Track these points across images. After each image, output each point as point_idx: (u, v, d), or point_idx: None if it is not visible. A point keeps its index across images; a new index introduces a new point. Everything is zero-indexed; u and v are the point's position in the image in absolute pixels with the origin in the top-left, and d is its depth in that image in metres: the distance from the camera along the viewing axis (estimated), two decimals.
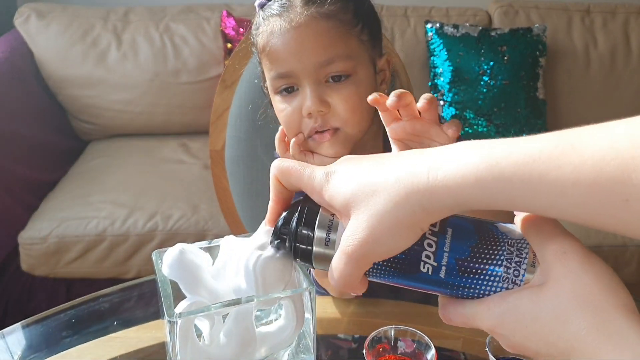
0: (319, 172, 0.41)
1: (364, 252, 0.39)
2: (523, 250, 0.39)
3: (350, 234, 0.39)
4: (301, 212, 0.43)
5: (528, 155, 0.34)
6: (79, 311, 0.82)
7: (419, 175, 0.37)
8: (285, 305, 0.54)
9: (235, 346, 0.52)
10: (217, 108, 1.15)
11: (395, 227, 0.38)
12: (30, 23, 1.99)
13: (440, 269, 0.40)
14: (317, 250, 0.42)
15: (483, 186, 0.35)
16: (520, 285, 0.38)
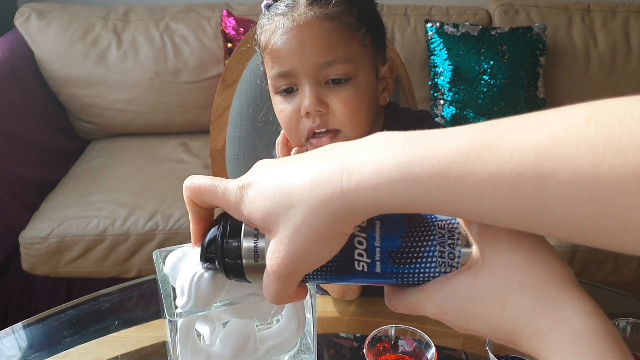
0: (233, 186, 0.39)
1: (290, 269, 0.37)
2: (454, 231, 0.38)
3: (273, 252, 0.38)
4: (224, 227, 0.41)
5: (442, 160, 0.32)
6: (80, 311, 0.82)
7: (332, 182, 0.35)
8: (286, 306, 0.54)
9: (234, 346, 0.52)
10: (218, 107, 1.15)
11: (317, 240, 0.36)
12: (31, 23, 1.99)
13: (375, 265, 0.39)
14: (247, 263, 0.41)
15: (398, 193, 0.34)
16: (457, 267, 0.38)
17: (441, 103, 2.02)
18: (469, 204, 0.32)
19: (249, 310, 0.51)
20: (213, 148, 1.17)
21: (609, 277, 1.66)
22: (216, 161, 1.18)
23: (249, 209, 0.38)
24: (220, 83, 1.14)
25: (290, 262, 0.37)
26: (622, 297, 0.85)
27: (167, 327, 0.51)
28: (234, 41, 1.99)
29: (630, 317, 0.62)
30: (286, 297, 0.39)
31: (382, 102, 0.84)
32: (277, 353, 0.55)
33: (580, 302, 0.33)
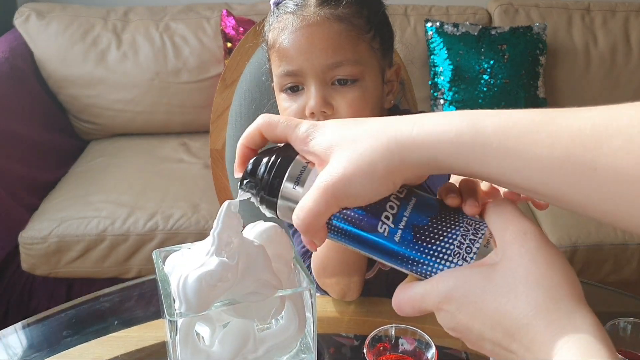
0: (306, 123, 0.42)
1: (335, 190, 0.39)
2: (480, 231, 0.39)
3: (327, 172, 0.39)
4: (276, 157, 0.43)
5: (509, 119, 0.36)
6: (80, 311, 0.82)
7: (403, 127, 0.38)
8: (286, 306, 0.54)
9: (234, 346, 0.52)
10: (218, 107, 1.15)
11: (371, 172, 0.38)
12: (30, 23, 1.99)
13: (396, 232, 0.40)
14: (282, 200, 0.42)
15: (462, 142, 0.36)
16: (469, 263, 0.39)
17: (441, 102, 2.02)
18: (525, 162, 0.35)
19: (249, 310, 0.51)
20: (213, 148, 1.17)
21: (609, 276, 1.66)
22: (216, 161, 1.18)
23: (316, 140, 0.41)
24: (220, 83, 1.14)
25: (338, 183, 0.39)
26: (622, 297, 0.85)
27: (167, 327, 0.51)
28: (234, 41, 1.99)
29: (631, 316, 0.62)
30: (315, 223, 0.40)
31: (387, 105, 0.84)
32: (277, 353, 0.55)
33: (589, 315, 0.34)
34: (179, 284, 0.47)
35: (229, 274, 0.47)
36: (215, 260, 0.47)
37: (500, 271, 0.36)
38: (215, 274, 0.47)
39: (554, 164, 0.34)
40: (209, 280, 0.46)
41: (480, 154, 0.36)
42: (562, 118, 0.35)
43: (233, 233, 0.49)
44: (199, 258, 0.49)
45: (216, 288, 0.47)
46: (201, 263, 0.47)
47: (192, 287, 0.46)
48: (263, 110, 1.11)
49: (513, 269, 0.36)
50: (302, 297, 0.54)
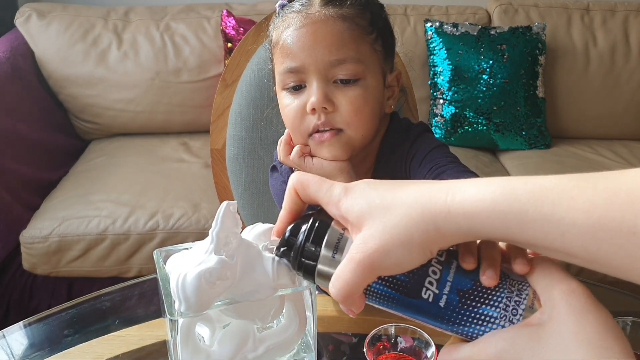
0: (338, 186, 0.42)
1: (371, 261, 0.38)
2: (523, 292, 0.39)
3: (361, 242, 0.39)
4: (312, 223, 0.43)
5: (543, 186, 0.36)
6: (81, 310, 0.82)
7: (436, 196, 0.38)
8: (287, 306, 0.54)
9: (233, 345, 0.52)
10: (218, 107, 1.15)
11: (407, 243, 0.38)
12: (31, 23, 1.99)
13: (441, 298, 0.40)
14: (321, 266, 0.42)
15: (498, 210, 0.36)
16: (516, 323, 0.39)
17: (441, 102, 2.02)
18: (562, 227, 0.34)
19: (250, 310, 0.52)
20: (213, 148, 1.17)
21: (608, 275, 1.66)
22: (216, 161, 1.18)
23: (348, 204, 0.40)
24: (221, 82, 1.14)
25: (374, 255, 0.38)
26: (622, 296, 0.85)
27: (168, 327, 0.51)
28: (234, 41, 1.99)
29: (630, 315, 0.62)
30: (352, 293, 0.40)
31: (387, 110, 0.85)
32: (278, 352, 0.55)
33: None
34: (177, 283, 0.47)
35: (228, 272, 0.48)
36: (214, 258, 0.48)
37: (549, 331, 0.36)
38: (215, 271, 0.47)
39: (592, 230, 0.34)
40: (208, 277, 0.46)
41: (517, 222, 0.36)
42: (597, 182, 0.34)
43: (231, 233, 0.49)
44: (198, 257, 0.49)
45: (215, 286, 0.47)
46: (200, 261, 0.48)
47: (191, 284, 0.47)
48: (265, 110, 1.12)
49: (562, 328, 0.36)
50: (303, 296, 0.54)
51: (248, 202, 1.17)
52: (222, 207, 0.49)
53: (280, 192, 0.89)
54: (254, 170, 1.15)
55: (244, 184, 1.16)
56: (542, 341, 0.36)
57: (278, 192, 0.90)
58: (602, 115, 2.12)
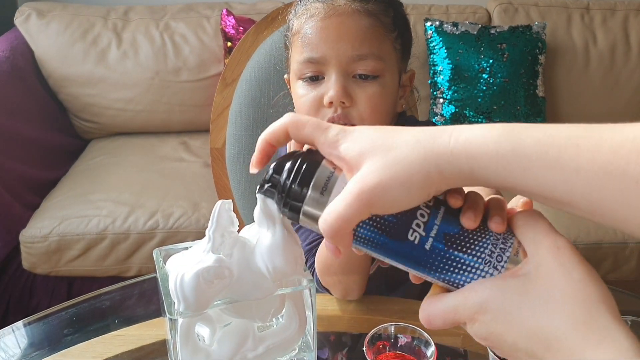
0: (336, 127, 0.41)
1: (370, 197, 0.38)
2: (508, 240, 0.39)
3: (360, 178, 0.38)
4: (302, 160, 0.42)
5: (548, 132, 0.35)
6: (80, 309, 0.82)
7: (440, 138, 0.37)
8: (287, 305, 0.54)
9: (232, 344, 0.52)
10: (218, 106, 1.15)
11: (407, 182, 0.37)
12: (31, 22, 1.99)
13: (427, 240, 0.40)
14: (307, 207, 0.41)
15: (501, 154, 0.36)
16: (500, 272, 0.39)
17: (440, 102, 2.02)
18: (565, 175, 0.34)
19: (249, 309, 0.51)
20: (213, 147, 1.17)
21: (608, 275, 1.66)
22: (216, 160, 1.18)
23: (348, 144, 0.40)
24: (220, 82, 1.14)
25: (374, 190, 0.37)
26: (622, 295, 0.85)
27: (168, 326, 0.51)
28: (234, 40, 1.99)
29: (630, 315, 0.62)
30: (343, 229, 0.39)
31: (399, 109, 0.84)
32: (278, 352, 0.55)
33: (625, 329, 0.35)
34: (176, 282, 0.47)
35: (226, 270, 0.48)
36: (212, 257, 0.48)
37: (536, 283, 0.36)
38: (212, 269, 0.47)
39: (595, 177, 0.34)
40: (206, 276, 0.46)
41: (520, 166, 0.35)
42: (603, 132, 0.34)
43: (228, 232, 0.49)
44: (196, 256, 0.49)
45: (213, 285, 0.47)
46: (198, 260, 0.48)
47: (189, 284, 0.47)
48: (265, 108, 1.12)
49: (549, 282, 0.36)
50: (302, 296, 0.54)
51: (248, 201, 1.17)
52: (217, 207, 0.49)
53: None
54: None
55: (244, 183, 1.16)
56: (528, 294, 0.36)
57: None
58: (602, 114, 2.12)
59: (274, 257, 0.48)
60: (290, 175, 0.42)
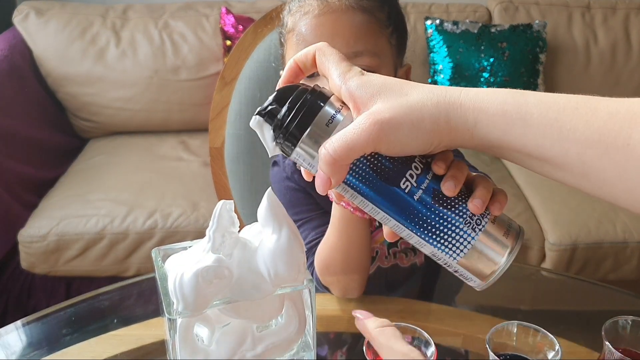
0: (355, 67, 0.43)
1: (380, 130, 0.39)
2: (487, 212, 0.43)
3: (374, 111, 0.40)
4: (310, 92, 0.43)
5: (551, 96, 0.39)
6: (79, 309, 0.82)
7: (452, 91, 0.41)
8: (286, 305, 0.54)
9: (231, 344, 0.52)
10: (217, 105, 1.14)
11: (417, 125, 0.40)
12: (29, 21, 1.99)
13: (417, 192, 0.42)
14: (308, 136, 0.42)
15: (505, 110, 0.39)
16: (477, 234, 0.42)
17: None
18: (563, 134, 0.37)
19: (248, 309, 0.51)
20: (212, 146, 1.17)
21: (609, 274, 1.66)
22: (215, 159, 1.17)
23: (361, 82, 0.41)
24: (219, 81, 1.14)
25: (387, 123, 0.39)
26: (622, 295, 0.85)
27: (166, 326, 0.51)
28: (233, 39, 1.98)
29: (631, 315, 0.61)
30: (345, 159, 0.40)
31: None
32: (277, 352, 0.55)
33: None
34: (175, 282, 0.47)
35: (225, 270, 0.47)
36: (212, 256, 0.47)
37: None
38: (212, 269, 0.46)
39: (590, 139, 0.36)
40: (205, 275, 0.46)
41: (521, 123, 0.38)
42: (601, 100, 0.37)
43: (228, 232, 0.49)
44: (196, 256, 0.49)
45: (213, 285, 0.47)
46: (197, 260, 0.47)
47: (189, 283, 0.46)
48: None
49: None
50: (302, 296, 0.54)
51: (247, 201, 1.16)
52: (219, 207, 0.49)
53: (282, 187, 0.89)
54: (253, 168, 1.15)
55: (243, 183, 1.16)
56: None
57: (279, 187, 0.90)
58: None
59: (277, 262, 0.48)
60: (295, 104, 0.42)
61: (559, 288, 0.92)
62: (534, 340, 0.58)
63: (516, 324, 0.59)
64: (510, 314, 0.83)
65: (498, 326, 0.59)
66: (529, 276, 0.99)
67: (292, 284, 0.50)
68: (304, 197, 0.87)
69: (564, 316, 0.83)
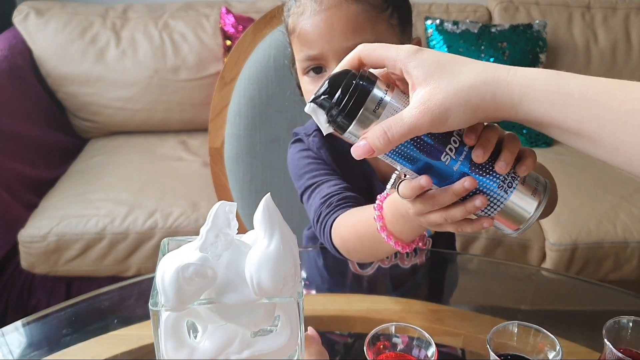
0: (405, 47, 0.47)
1: (434, 113, 0.45)
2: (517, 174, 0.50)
3: (428, 95, 0.45)
4: (359, 77, 0.48)
5: (589, 79, 0.44)
6: (79, 309, 0.82)
7: (500, 69, 0.45)
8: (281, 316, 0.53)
9: (217, 344, 0.51)
10: (216, 105, 1.14)
11: (465, 104, 0.45)
12: (29, 21, 1.99)
13: (455, 163, 0.49)
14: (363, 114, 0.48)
15: (549, 90, 0.43)
16: (509, 195, 0.50)
17: None
18: (600, 112, 0.42)
19: (233, 313, 0.51)
20: (212, 146, 1.17)
21: (609, 274, 1.66)
22: (215, 159, 1.17)
23: (417, 62, 0.46)
24: (219, 81, 1.14)
25: (439, 107, 0.45)
26: (623, 295, 0.85)
27: (152, 319, 0.50)
28: (233, 39, 1.98)
29: (632, 315, 0.61)
30: (403, 138, 0.46)
31: None
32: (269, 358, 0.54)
33: None
34: (160, 275, 0.47)
35: (209, 270, 0.47)
36: (197, 254, 0.47)
37: None
38: (192, 267, 0.46)
39: (624, 117, 0.41)
40: (185, 273, 0.46)
41: (562, 101, 0.43)
42: (636, 84, 0.42)
43: (223, 233, 0.49)
44: (186, 252, 0.48)
45: (194, 282, 0.47)
46: (184, 257, 0.47)
47: (169, 278, 0.46)
48: (264, 107, 1.11)
49: None
50: (295, 306, 0.53)
51: (247, 201, 1.16)
52: (216, 206, 0.49)
53: (301, 156, 0.87)
54: (253, 168, 1.15)
55: (243, 183, 1.16)
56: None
57: (295, 162, 0.88)
58: None
59: (261, 271, 0.47)
60: (348, 89, 0.48)
61: (560, 288, 0.92)
62: (535, 340, 0.58)
63: (517, 324, 0.59)
64: (511, 314, 0.83)
65: (499, 326, 0.59)
66: (529, 276, 0.99)
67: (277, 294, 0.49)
68: (322, 164, 0.85)
69: (564, 316, 0.83)
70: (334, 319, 0.79)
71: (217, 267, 0.48)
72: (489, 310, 0.81)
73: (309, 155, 0.87)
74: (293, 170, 0.89)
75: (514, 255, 1.63)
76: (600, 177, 1.82)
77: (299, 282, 0.51)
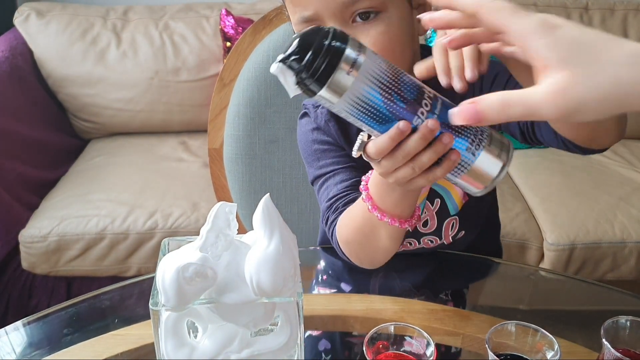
0: (537, 15, 0.40)
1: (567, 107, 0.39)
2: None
3: (564, 86, 0.39)
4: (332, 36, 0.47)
5: None
6: (80, 309, 0.82)
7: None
8: (281, 316, 0.53)
9: (217, 343, 0.52)
10: (215, 106, 1.15)
11: (604, 101, 0.39)
12: (30, 22, 1.99)
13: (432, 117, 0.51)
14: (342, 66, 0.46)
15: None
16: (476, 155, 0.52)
17: None
18: None
19: (233, 313, 0.51)
20: (211, 147, 1.17)
21: (607, 274, 1.66)
22: (214, 160, 1.18)
23: (549, 40, 0.39)
24: (218, 82, 1.14)
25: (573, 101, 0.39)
26: (621, 295, 0.85)
27: (152, 317, 0.51)
28: (233, 40, 1.99)
29: (630, 314, 0.62)
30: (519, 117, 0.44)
31: (421, 32, 0.75)
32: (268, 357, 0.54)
33: None
34: (161, 275, 0.47)
35: (209, 270, 0.47)
36: (197, 255, 0.48)
37: None
38: (192, 267, 0.46)
39: None
40: (185, 272, 0.46)
41: None
42: None
43: (223, 234, 0.49)
44: (187, 252, 0.49)
45: (194, 282, 0.47)
46: (184, 257, 0.48)
47: (170, 278, 0.46)
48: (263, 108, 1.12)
49: None
50: (295, 307, 0.53)
51: (246, 202, 1.17)
52: (216, 207, 0.49)
53: (308, 140, 0.84)
54: (252, 169, 1.15)
55: (242, 184, 1.16)
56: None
57: (305, 140, 0.85)
58: None
59: (261, 271, 0.47)
60: (320, 50, 0.46)
61: (558, 288, 0.93)
62: (533, 340, 0.59)
63: (515, 324, 0.59)
64: (509, 313, 0.83)
65: (497, 326, 0.59)
66: (527, 276, 0.99)
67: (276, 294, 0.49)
68: (330, 149, 0.82)
69: (562, 316, 0.83)
70: (334, 319, 0.80)
71: (217, 267, 0.49)
72: (487, 310, 0.81)
73: (315, 138, 0.83)
74: (302, 150, 0.87)
75: (512, 255, 1.64)
76: (599, 178, 1.83)
77: (298, 282, 0.52)
